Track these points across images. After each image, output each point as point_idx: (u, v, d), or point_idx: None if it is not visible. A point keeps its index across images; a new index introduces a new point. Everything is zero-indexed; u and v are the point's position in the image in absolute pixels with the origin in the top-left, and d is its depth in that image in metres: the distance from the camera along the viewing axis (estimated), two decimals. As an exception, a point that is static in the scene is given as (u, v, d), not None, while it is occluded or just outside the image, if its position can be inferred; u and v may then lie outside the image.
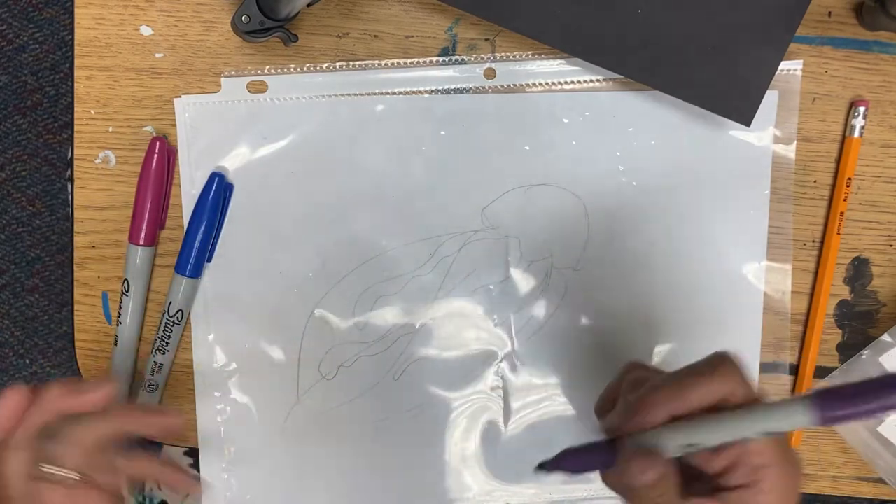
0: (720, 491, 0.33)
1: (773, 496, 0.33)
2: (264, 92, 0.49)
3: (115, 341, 0.50)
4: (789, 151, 0.49)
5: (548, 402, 0.51)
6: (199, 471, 0.51)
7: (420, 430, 0.51)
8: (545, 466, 0.37)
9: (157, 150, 0.48)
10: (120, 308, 0.50)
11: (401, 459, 0.52)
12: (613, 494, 0.35)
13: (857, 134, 0.48)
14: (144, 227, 0.49)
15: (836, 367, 0.50)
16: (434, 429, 0.51)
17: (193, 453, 0.51)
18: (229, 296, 0.50)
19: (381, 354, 0.51)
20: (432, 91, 0.49)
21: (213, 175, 0.48)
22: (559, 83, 0.49)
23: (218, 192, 0.48)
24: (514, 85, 0.49)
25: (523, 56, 0.49)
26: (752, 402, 0.33)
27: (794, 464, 0.34)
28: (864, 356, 0.48)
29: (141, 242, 0.49)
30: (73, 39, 0.49)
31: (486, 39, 0.49)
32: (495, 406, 0.51)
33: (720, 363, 0.33)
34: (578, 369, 0.50)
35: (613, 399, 0.37)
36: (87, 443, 0.38)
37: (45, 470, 0.37)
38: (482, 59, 0.49)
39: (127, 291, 0.50)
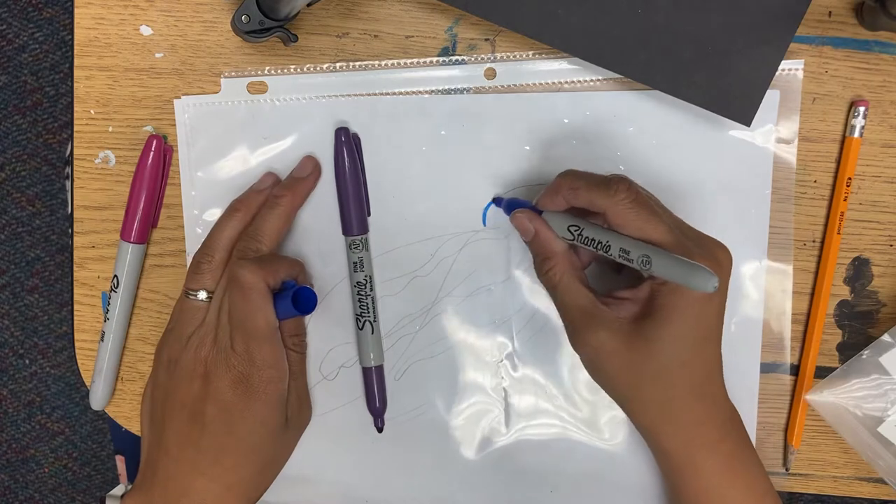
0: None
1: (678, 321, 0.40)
2: (264, 92, 0.49)
3: (102, 337, 0.50)
4: (790, 151, 0.49)
5: (548, 403, 0.51)
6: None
7: (421, 430, 0.51)
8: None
9: (153, 148, 0.48)
10: (108, 304, 0.50)
11: (401, 460, 0.52)
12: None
13: (857, 134, 0.48)
14: (136, 224, 0.49)
15: (837, 367, 0.50)
16: (435, 429, 0.51)
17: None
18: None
19: (381, 354, 0.51)
20: (432, 91, 0.49)
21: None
22: (559, 83, 0.49)
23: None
24: (514, 85, 0.49)
25: (523, 56, 0.49)
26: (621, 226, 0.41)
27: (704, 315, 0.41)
28: (864, 356, 0.48)
29: (132, 239, 0.49)
30: (73, 39, 0.49)
31: (486, 39, 0.49)
32: (496, 406, 0.51)
33: (619, 187, 0.41)
34: (579, 369, 0.50)
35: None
36: (273, 232, 0.46)
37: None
38: (482, 59, 0.49)
39: (116, 288, 0.50)
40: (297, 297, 0.45)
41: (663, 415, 0.42)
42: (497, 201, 0.49)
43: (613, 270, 0.48)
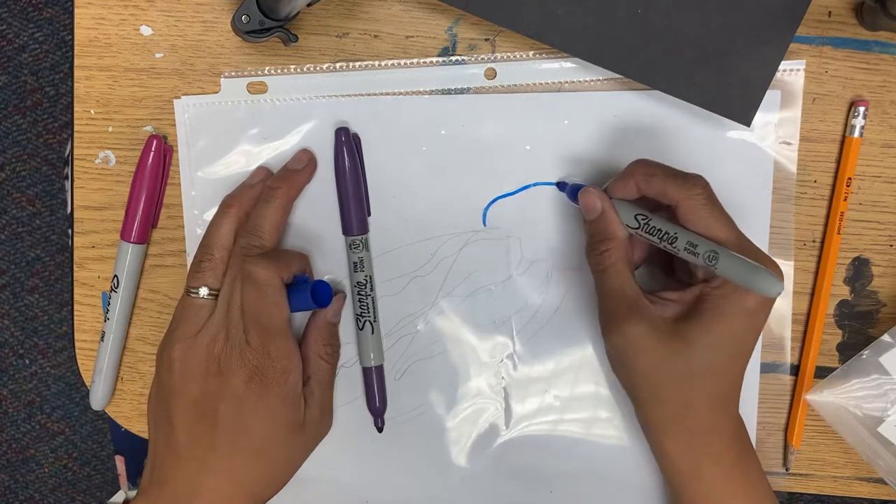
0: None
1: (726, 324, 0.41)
2: (264, 93, 0.49)
3: (102, 337, 0.50)
4: (791, 151, 0.49)
5: (548, 403, 0.51)
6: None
7: (421, 430, 0.51)
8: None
9: (153, 148, 0.48)
10: (108, 304, 0.50)
11: (401, 459, 0.52)
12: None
13: (857, 134, 0.48)
14: (136, 224, 0.49)
15: (837, 367, 0.50)
16: (435, 429, 0.51)
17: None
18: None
19: (381, 354, 0.51)
20: (432, 91, 0.49)
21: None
22: (559, 83, 0.49)
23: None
24: (515, 85, 0.49)
25: (523, 56, 0.49)
26: (692, 223, 0.41)
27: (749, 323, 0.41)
28: (864, 356, 0.48)
29: (132, 239, 0.49)
30: (73, 39, 0.49)
31: (486, 39, 0.49)
32: (496, 406, 0.51)
33: (696, 182, 0.41)
34: (579, 369, 0.50)
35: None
36: (273, 226, 0.46)
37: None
38: (482, 59, 0.49)
39: (116, 288, 0.50)
40: (315, 291, 0.46)
41: (676, 418, 0.42)
42: (561, 185, 0.48)
43: (663, 275, 0.48)
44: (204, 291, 0.45)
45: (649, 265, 0.48)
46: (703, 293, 0.41)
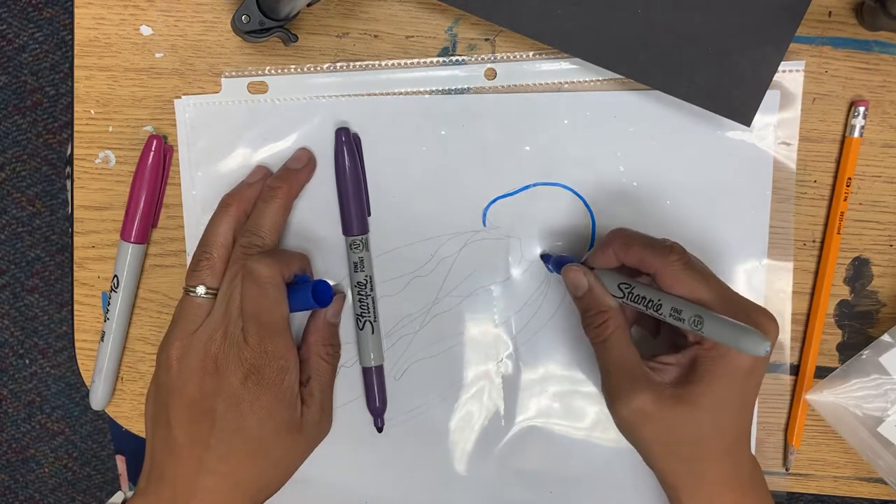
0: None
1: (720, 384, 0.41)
2: (265, 92, 0.49)
3: (102, 337, 0.50)
4: (790, 151, 0.49)
5: (548, 403, 0.51)
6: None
7: (420, 430, 0.51)
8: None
9: (153, 148, 0.48)
10: (108, 304, 0.50)
11: (401, 459, 0.52)
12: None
13: (857, 134, 0.48)
14: (136, 224, 0.49)
15: (836, 367, 0.50)
16: (434, 429, 0.51)
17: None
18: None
19: (381, 354, 0.51)
20: (432, 91, 0.49)
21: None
22: (559, 83, 0.49)
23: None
24: (515, 85, 0.49)
25: (523, 56, 0.49)
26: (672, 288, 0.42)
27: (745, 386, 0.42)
28: (864, 356, 0.48)
29: (132, 239, 0.49)
30: (73, 39, 0.49)
31: (486, 39, 0.49)
32: (496, 406, 0.51)
33: (672, 249, 0.42)
34: (579, 369, 0.50)
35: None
36: (274, 226, 0.47)
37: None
38: (482, 59, 0.49)
39: (116, 288, 0.50)
40: (316, 290, 0.46)
41: (689, 473, 0.42)
42: (545, 258, 0.49)
43: (651, 335, 0.48)
44: (202, 290, 0.45)
45: (636, 327, 0.48)
46: (698, 355, 0.42)
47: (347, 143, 0.47)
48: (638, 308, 0.42)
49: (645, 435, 0.42)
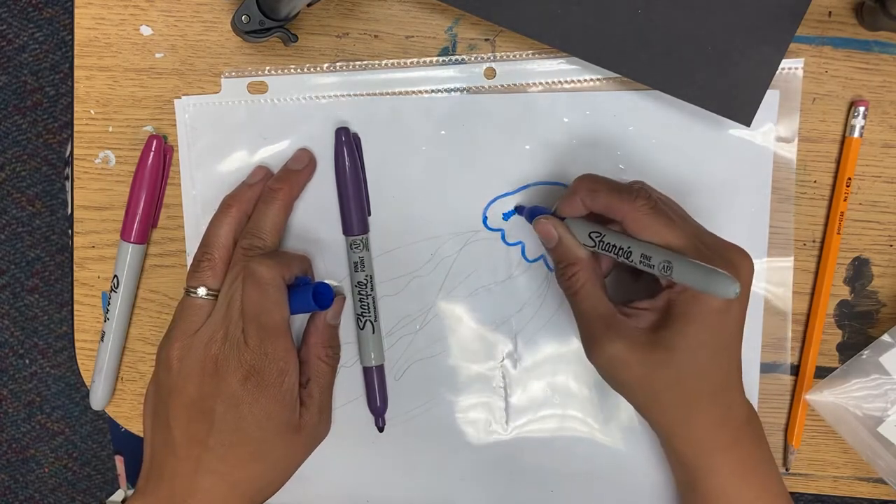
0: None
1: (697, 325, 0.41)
2: (265, 92, 0.49)
3: (102, 337, 0.50)
4: (790, 151, 0.49)
5: (548, 402, 0.51)
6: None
7: (421, 429, 0.51)
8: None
9: (153, 148, 0.48)
10: (108, 304, 0.50)
11: (402, 459, 0.52)
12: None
13: (857, 134, 0.48)
14: (136, 224, 0.49)
15: (837, 367, 0.50)
16: (435, 429, 0.51)
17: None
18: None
19: (381, 354, 0.51)
20: (432, 91, 0.49)
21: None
22: (559, 83, 0.49)
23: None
24: (514, 85, 0.49)
25: (523, 56, 0.49)
26: (643, 234, 0.41)
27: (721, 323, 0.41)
28: (864, 356, 0.48)
29: (132, 240, 0.49)
30: (73, 39, 0.49)
31: (486, 39, 0.49)
32: (496, 406, 0.51)
33: (638, 193, 0.42)
34: (579, 369, 0.50)
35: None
36: (274, 227, 0.47)
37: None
38: (482, 59, 0.49)
39: (116, 288, 0.50)
40: (317, 292, 0.46)
41: (679, 419, 0.42)
42: (519, 209, 0.49)
43: (631, 279, 0.48)
44: (203, 291, 0.45)
45: (617, 272, 0.48)
46: (671, 298, 0.42)
47: (347, 143, 0.47)
48: (610, 256, 0.42)
49: (624, 381, 0.42)
